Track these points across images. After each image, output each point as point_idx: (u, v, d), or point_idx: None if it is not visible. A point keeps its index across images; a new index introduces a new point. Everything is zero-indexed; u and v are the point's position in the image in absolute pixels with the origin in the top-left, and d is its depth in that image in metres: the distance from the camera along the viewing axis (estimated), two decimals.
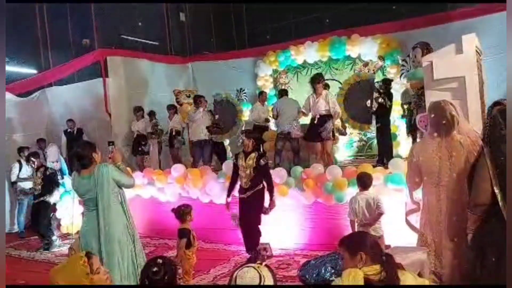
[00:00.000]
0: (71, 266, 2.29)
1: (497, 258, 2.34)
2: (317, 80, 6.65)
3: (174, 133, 8.50)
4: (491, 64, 6.52)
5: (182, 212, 4.44)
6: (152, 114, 8.73)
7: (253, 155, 5.24)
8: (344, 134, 8.01)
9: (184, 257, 4.27)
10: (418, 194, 3.27)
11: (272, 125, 8.66)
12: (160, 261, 2.23)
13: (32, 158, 7.22)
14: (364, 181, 4.49)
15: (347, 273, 1.99)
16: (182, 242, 4.28)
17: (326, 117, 6.59)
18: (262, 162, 5.19)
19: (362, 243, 2.13)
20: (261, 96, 8.76)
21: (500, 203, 2.31)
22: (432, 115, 2.91)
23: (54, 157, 7.98)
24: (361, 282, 1.94)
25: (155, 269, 2.18)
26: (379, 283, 1.97)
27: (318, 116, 6.61)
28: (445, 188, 2.78)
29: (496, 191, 2.33)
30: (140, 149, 8.54)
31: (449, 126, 2.78)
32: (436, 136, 2.85)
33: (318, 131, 6.61)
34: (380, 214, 4.31)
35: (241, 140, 5.59)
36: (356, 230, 4.44)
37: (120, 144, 8.81)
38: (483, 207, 2.43)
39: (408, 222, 3.20)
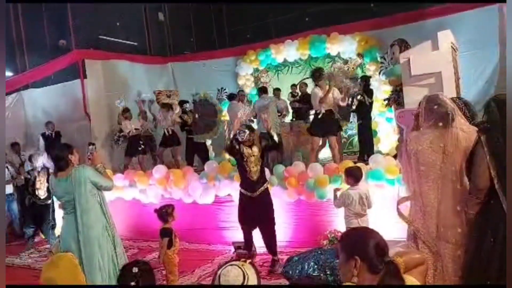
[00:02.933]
0: (60, 261, 2.29)
1: (494, 239, 2.47)
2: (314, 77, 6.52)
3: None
4: (466, 60, 6.65)
5: (165, 212, 4.42)
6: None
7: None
8: None
9: (165, 258, 4.25)
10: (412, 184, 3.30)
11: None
12: (135, 269, 2.11)
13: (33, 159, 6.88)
14: (356, 175, 4.53)
15: None
16: (164, 241, 4.27)
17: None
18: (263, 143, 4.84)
19: (361, 244, 1.72)
20: (239, 95, 8.72)
21: (496, 185, 2.47)
22: (430, 108, 2.94)
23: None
24: None
25: (135, 269, 2.10)
26: None
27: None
28: (437, 180, 2.82)
29: (493, 173, 2.48)
30: (140, 148, 8.12)
31: (446, 120, 2.81)
32: (432, 128, 2.88)
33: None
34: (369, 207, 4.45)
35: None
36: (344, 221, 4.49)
37: (100, 146, 8.66)
38: (485, 191, 2.57)
39: (399, 211, 3.23)
